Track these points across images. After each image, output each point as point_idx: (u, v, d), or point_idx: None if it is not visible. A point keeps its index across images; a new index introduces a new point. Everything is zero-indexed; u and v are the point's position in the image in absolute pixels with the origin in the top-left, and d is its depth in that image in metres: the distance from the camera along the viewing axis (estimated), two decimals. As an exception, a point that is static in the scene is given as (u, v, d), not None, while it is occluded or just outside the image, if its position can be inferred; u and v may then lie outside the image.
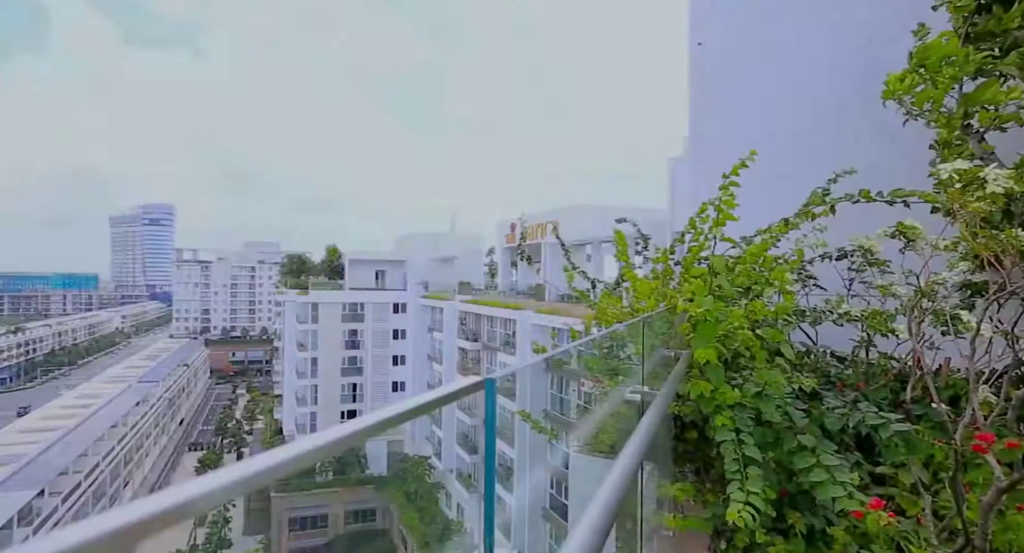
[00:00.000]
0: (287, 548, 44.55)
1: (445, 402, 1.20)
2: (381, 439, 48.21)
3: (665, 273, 4.57)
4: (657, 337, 3.73)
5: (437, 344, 42.97)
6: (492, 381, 1.31)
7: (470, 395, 1.30)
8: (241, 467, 0.66)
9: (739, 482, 2.57)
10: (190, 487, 0.60)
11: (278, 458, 0.73)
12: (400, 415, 1.04)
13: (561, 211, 30.70)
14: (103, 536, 0.48)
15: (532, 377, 28.48)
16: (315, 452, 0.78)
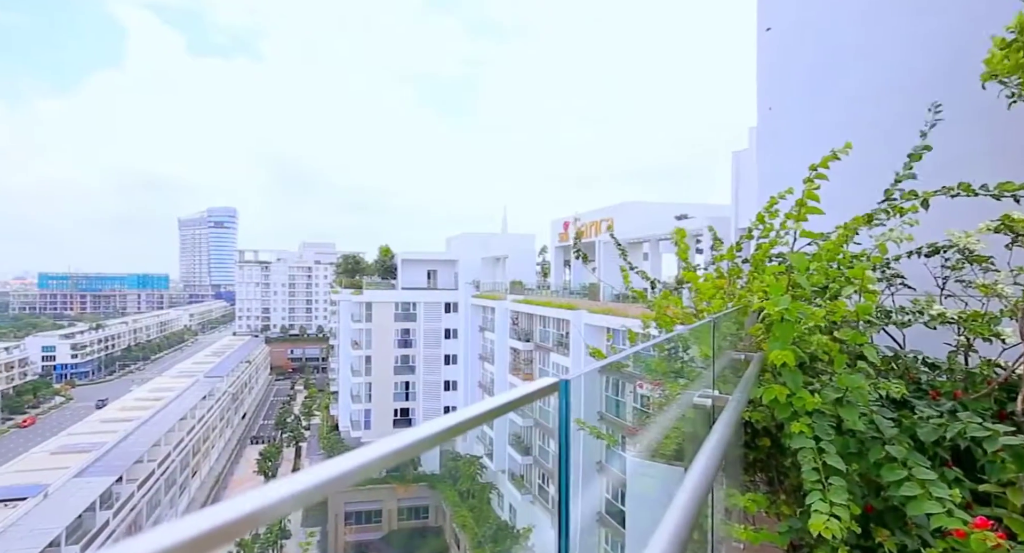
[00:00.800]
0: (344, 541, 46.23)
1: (520, 404, 1.18)
2: (433, 437, 49.19)
3: (731, 271, 4.42)
4: (724, 339, 3.61)
5: (488, 344, 43.36)
6: (567, 383, 1.29)
7: (545, 397, 1.28)
8: (324, 468, 0.65)
9: (820, 492, 2.44)
10: (283, 486, 0.60)
11: (359, 460, 0.72)
12: (475, 418, 1.02)
13: (616, 208, 30.28)
14: (199, 537, 0.48)
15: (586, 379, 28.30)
16: (394, 454, 0.77)
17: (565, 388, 1.30)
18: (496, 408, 1.09)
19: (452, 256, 51.96)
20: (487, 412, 1.09)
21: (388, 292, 50.89)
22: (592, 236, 31.88)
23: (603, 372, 9.12)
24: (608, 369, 3.87)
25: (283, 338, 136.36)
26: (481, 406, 1.07)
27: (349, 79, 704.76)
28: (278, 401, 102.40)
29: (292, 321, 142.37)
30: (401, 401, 49.52)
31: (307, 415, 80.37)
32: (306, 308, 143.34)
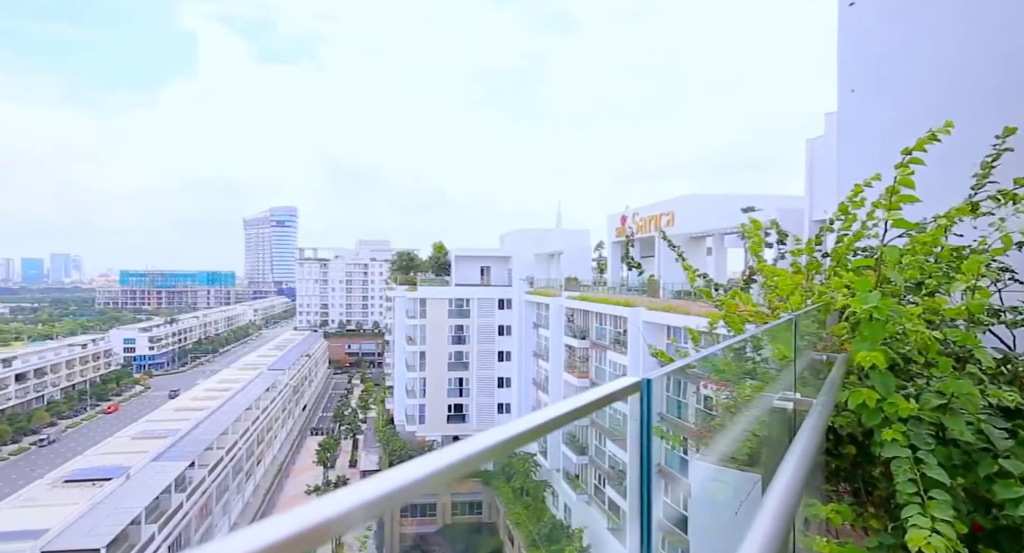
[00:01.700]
0: (400, 532, 47.60)
1: (603, 404, 1.17)
2: (487, 434, 49.71)
3: (810, 266, 4.19)
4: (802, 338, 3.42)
5: (543, 341, 43.33)
6: (649, 381, 1.29)
7: (627, 396, 1.28)
8: (401, 472, 0.64)
9: (919, 506, 2.26)
10: (367, 487, 0.59)
11: (439, 463, 0.70)
12: (555, 420, 1.01)
13: (677, 201, 29.44)
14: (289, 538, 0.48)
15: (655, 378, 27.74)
16: (476, 456, 0.75)
17: (647, 387, 1.29)
18: (579, 408, 1.08)
19: (505, 252, 52.22)
20: (570, 412, 1.07)
21: (442, 288, 51.81)
22: (651, 230, 31.18)
23: (670, 372, 8.75)
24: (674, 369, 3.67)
25: (341, 333, 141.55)
26: (563, 406, 1.05)
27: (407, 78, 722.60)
28: (336, 394, 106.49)
29: (349, 317, 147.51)
30: (455, 397, 50.33)
31: (364, 408, 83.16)
32: (362, 304, 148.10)
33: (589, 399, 1.12)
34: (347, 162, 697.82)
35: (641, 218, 32.37)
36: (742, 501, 2.51)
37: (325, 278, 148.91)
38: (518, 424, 0.88)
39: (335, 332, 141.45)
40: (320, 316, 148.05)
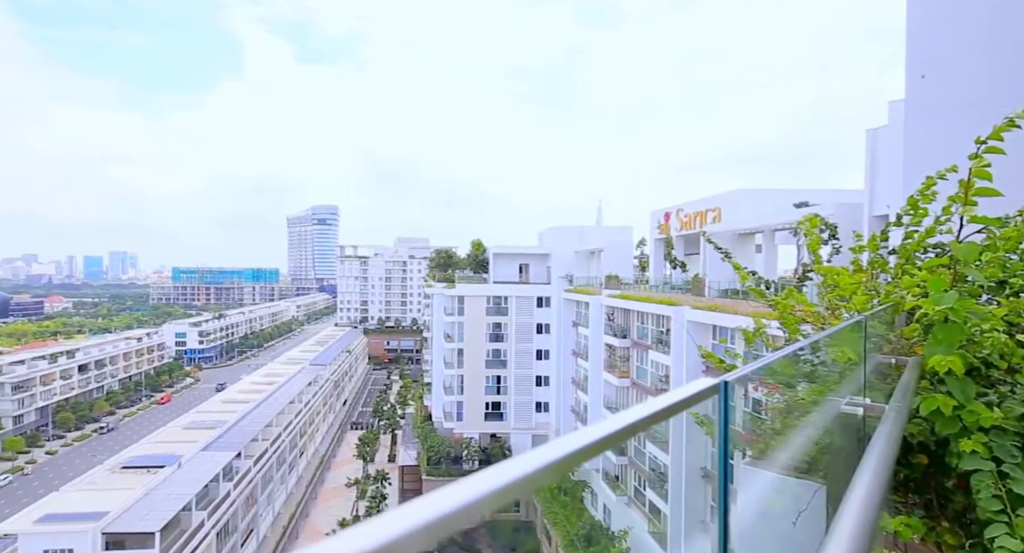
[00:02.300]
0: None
1: (681, 408, 1.14)
2: (526, 432, 49.76)
3: (873, 264, 3.99)
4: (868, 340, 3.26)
5: (582, 339, 43.05)
6: (727, 383, 1.26)
7: (706, 399, 1.26)
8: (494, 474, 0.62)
9: (1006, 526, 2.11)
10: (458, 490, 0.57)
11: (522, 471, 0.67)
12: (630, 427, 0.97)
13: (724, 197, 28.66)
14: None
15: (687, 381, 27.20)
16: (548, 470, 0.71)
17: (725, 390, 1.26)
18: (658, 412, 1.05)
19: (544, 250, 52.05)
20: (650, 416, 1.03)
21: (480, 286, 52.08)
22: (696, 227, 30.50)
23: (707, 372, 9.01)
24: (717, 369, 3.58)
25: (380, 330, 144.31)
26: (641, 410, 1.01)
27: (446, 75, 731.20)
28: (375, 390, 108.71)
29: (388, 313, 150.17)
30: (493, 394, 50.59)
31: (402, 404, 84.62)
32: (401, 301, 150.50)
33: (667, 403, 1.09)
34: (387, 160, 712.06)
35: (685, 214, 31.68)
36: (801, 511, 2.39)
37: (365, 275, 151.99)
38: (591, 432, 0.86)
39: (374, 328, 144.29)
40: (360, 312, 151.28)
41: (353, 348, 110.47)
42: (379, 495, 50.88)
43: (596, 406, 38.70)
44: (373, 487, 53.05)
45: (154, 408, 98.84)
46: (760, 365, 1.81)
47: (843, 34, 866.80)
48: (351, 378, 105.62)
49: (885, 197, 17.82)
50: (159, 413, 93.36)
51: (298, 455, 64.71)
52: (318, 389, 77.70)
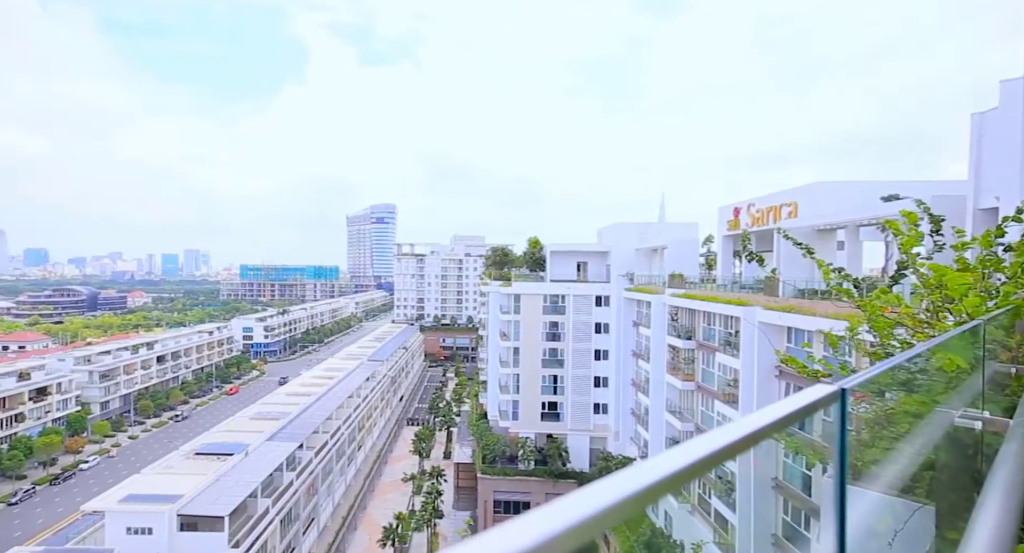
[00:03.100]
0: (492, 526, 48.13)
1: (798, 417, 1.12)
2: (584, 434, 48.91)
3: (985, 263, 3.33)
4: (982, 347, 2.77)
5: (643, 340, 41.83)
6: (844, 390, 1.27)
7: (826, 406, 1.23)
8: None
9: None
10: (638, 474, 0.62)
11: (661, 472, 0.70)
12: (746, 438, 0.94)
13: (801, 191, 26.99)
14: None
15: (759, 385, 25.75)
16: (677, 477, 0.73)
17: (844, 398, 1.27)
18: (773, 424, 1.04)
19: (603, 247, 51.00)
20: (763, 429, 1.01)
21: (536, 284, 51.55)
22: (769, 223, 28.91)
23: (780, 377, 8.03)
24: (807, 376, 3.06)
25: (436, 327, 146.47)
26: (750, 423, 1.00)
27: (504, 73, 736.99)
28: (431, 387, 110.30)
29: (444, 311, 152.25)
30: (549, 394, 49.99)
31: (458, 402, 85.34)
32: (457, 299, 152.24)
33: (786, 411, 1.07)
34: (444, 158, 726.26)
35: (757, 210, 30.09)
36: (897, 531, 2.28)
37: (421, 273, 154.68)
38: (700, 445, 0.85)
39: (430, 326, 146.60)
40: (416, 310, 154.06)
41: (409, 345, 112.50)
42: (435, 491, 51.26)
43: (658, 409, 37.46)
44: (429, 483, 53.54)
45: (223, 398, 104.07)
46: (880, 370, 1.68)
47: (942, 7, 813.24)
48: (407, 374, 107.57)
49: (994, 188, 16.10)
50: (228, 403, 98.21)
51: (356, 448, 66.30)
52: (375, 384, 79.47)
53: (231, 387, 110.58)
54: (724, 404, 28.60)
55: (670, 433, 36.04)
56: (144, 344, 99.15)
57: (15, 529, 52.95)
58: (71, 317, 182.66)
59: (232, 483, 39.54)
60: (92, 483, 62.79)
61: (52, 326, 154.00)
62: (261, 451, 46.15)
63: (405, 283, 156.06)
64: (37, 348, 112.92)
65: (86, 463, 69.14)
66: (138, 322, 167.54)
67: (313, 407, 60.50)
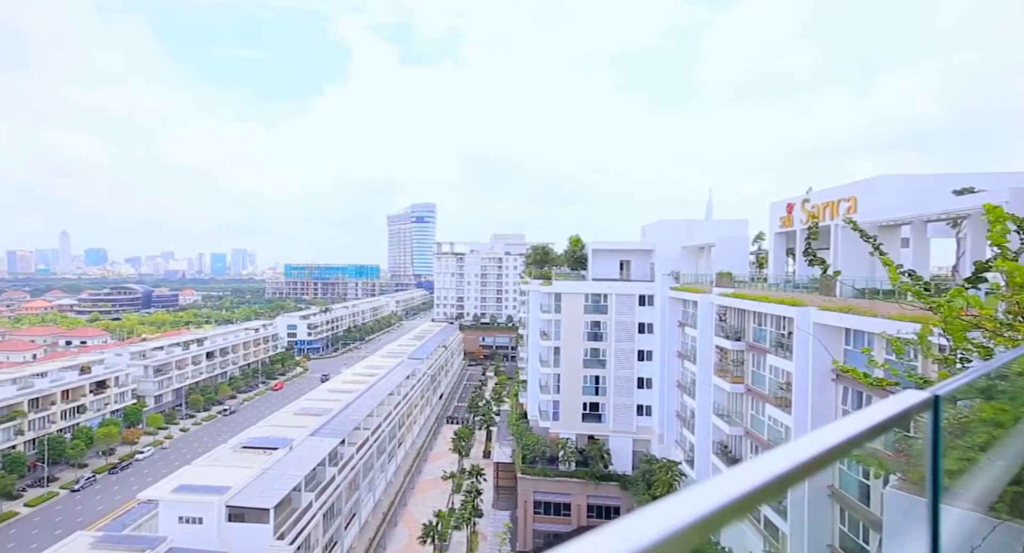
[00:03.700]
0: (532, 527, 48.03)
1: (884, 429, 1.06)
2: (627, 435, 48.22)
3: None
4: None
5: (689, 340, 40.86)
6: (938, 398, 1.22)
7: (917, 415, 1.18)
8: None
9: None
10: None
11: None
12: (834, 450, 0.90)
13: (862, 185, 25.72)
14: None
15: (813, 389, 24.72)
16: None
17: (938, 405, 1.22)
18: (860, 435, 0.99)
19: (647, 245, 50.06)
20: (849, 441, 0.96)
21: (578, 283, 51.06)
22: (825, 219, 27.72)
23: (836, 381, 7.52)
24: (849, 378, 2.83)
25: (475, 326, 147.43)
26: (838, 432, 0.95)
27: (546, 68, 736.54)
28: (470, 385, 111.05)
29: (483, 310, 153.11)
30: (591, 395, 49.46)
31: (497, 401, 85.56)
32: (496, 298, 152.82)
33: (871, 422, 1.02)
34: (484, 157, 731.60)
35: (812, 205, 28.87)
36: (974, 547, 2.15)
37: (461, 272, 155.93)
38: (773, 461, 0.81)
39: (470, 325, 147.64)
40: (456, 309, 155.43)
41: (449, 343, 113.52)
42: (474, 490, 51.53)
43: (704, 412, 36.52)
44: (468, 482, 53.85)
45: (269, 394, 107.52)
46: (977, 375, 1.64)
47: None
48: (447, 373, 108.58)
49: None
50: (273, 399, 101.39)
51: (396, 445, 67.32)
52: (415, 382, 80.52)
53: (276, 383, 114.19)
54: (776, 408, 27.60)
55: (717, 437, 35.07)
56: (194, 340, 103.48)
57: (78, 514, 56.09)
58: (127, 314, 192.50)
59: (277, 477, 40.72)
60: (147, 473, 65.90)
61: (110, 322, 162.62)
62: (305, 446, 47.36)
63: (445, 282, 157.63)
64: (97, 343, 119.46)
65: (141, 453, 72.64)
66: (189, 319, 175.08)
67: (355, 404, 61.73)
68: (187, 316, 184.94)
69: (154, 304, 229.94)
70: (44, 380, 69.27)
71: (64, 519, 55.09)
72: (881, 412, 1.03)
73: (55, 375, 71.42)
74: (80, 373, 75.05)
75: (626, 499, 45.59)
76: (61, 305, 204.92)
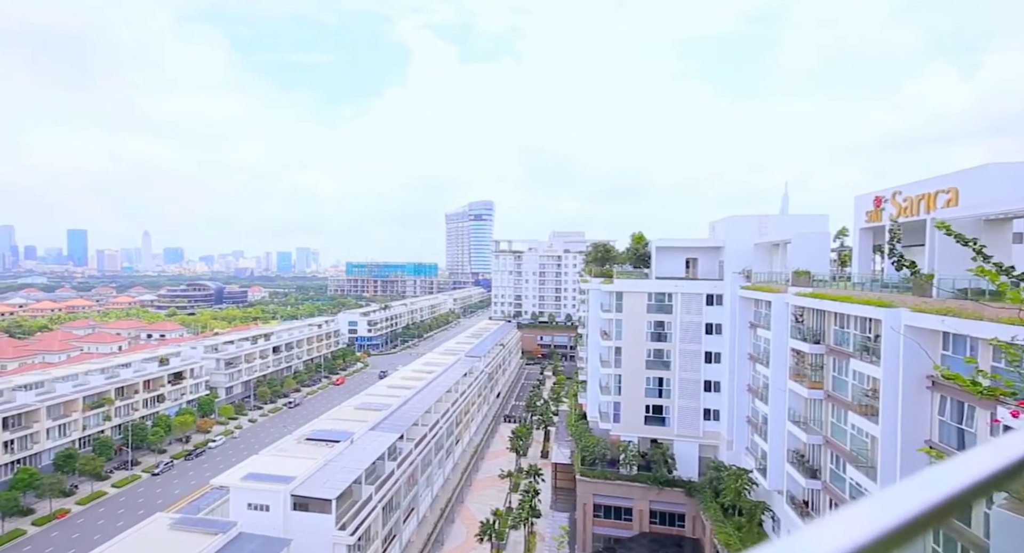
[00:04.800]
0: (591, 532, 47.36)
1: None
2: (692, 441, 46.76)
3: None
4: None
5: (761, 342, 39.04)
6: None
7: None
8: None
9: None
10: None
11: None
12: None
13: (962, 174, 23.64)
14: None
15: (904, 397, 22.94)
16: None
17: None
18: None
19: (716, 242, 48.22)
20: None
21: (641, 282, 49.85)
22: (919, 213, 25.70)
23: (933, 389, 6.69)
24: (976, 393, 2.49)
25: (533, 324, 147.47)
26: (996, 452, 0.80)
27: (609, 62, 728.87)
28: (528, 384, 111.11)
29: (542, 308, 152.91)
30: (654, 397, 48.23)
31: (555, 401, 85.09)
32: (555, 296, 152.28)
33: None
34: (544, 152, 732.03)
35: (905, 198, 26.80)
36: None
37: (519, 269, 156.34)
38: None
39: (528, 323, 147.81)
40: (514, 307, 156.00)
41: (507, 342, 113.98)
42: (532, 490, 51.38)
43: (779, 418, 34.77)
44: (526, 481, 53.75)
45: (331, 388, 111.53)
46: None
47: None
48: (504, 371, 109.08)
49: None
50: (334, 393, 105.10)
51: (454, 442, 68.17)
52: (473, 380, 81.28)
53: (338, 378, 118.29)
54: (860, 417, 25.85)
55: (793, 445, 33.30)
56: (262, 335, 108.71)
57: (158, 497, 60.11)
58: (201, 309, 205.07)
59: (339, 469, 42.01)
60: (219, 460, 69.78)
61: (186, 317, 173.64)
62: (365, 440, 48.67)
63: (502, 280, 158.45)
64: (174, 337, 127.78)
65: (214, 442, 76.98)
66: (256, 315, 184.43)
67: (413, 400, 62.94)
68: (255, 312, 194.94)
69: (225, 300, 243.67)
70: (128, 370, 74.65)
71: (146, 501, 59.16)
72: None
73: (138, 366, 76.84)
74: (159, 365, 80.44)
75: (692, 506, 44.18)
76: (143, 300, 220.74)
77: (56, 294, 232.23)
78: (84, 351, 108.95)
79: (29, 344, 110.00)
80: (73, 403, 65.48)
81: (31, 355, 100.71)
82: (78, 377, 69.15)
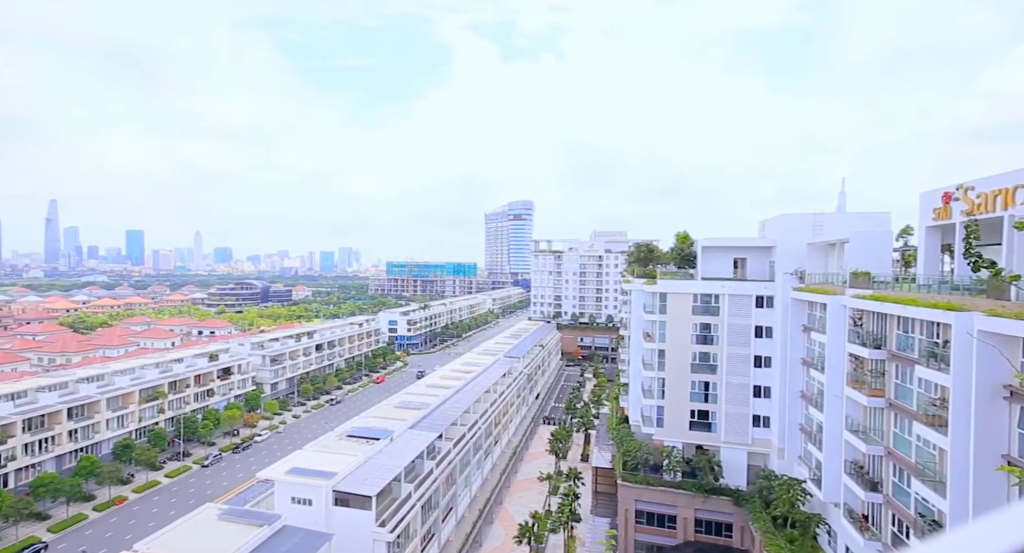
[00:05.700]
0: (633, 538, 46.40)
1: None
2: (740, 448, 45.26)
3: None
4: None
5: (815, 347, 37.39)
6: None
7: None
8: None
9: None
10: None
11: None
12: None
13: (1045, 166, 22.03)
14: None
15: (978, 408, 21.41)
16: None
17: None
18: None
19: (767, 242, 46.48)
20: None
21: (686, 282, 48.55)
22: (995, 210, 24.02)
23: (1011, 400, 5.82)
24: None
25: (573, 325, 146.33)
26: None
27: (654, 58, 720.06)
28: (568, 386, 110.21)
29: (582, 309, 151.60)
30: (699, 402, 46.89)
31: (596, 403, 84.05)
32: (596, 297, 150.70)
33: None
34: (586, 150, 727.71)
35: (978, 194, 25.10)
36: None
37: (559, 270, 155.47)
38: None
39: (567, 324, 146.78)
40: (553, 307, 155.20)
41: (546, 343, 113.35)
42: (572, 494, 50.74)
43: (835, 427, 33.19)
44: (566, 484, 53.14)
45: (371, 386, 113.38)
46: None
47: None
48: (544, 373, 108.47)
49: None
50: (375, 391, 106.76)
51: (493, 443, 68.05)
52: (512, 381, 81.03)
53: (378, 376, 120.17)
54: (927, 427, 24.32)
55: (851, 455, 31.69)
56: (305, 333, 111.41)
57: (207, 488, 62.31)
58: (248, 307, 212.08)
59: (378, 466, 42.42)
60: (264, 454, 71.82)
61: (234, 315, 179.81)
62: (404, 438, 49.04)
63: (542, 280, 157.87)
64: (223, 334, 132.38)
65: (260, 436, 79.30)
66: (300, 313, 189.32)
67: (452, 399, 63.14)
68: (299, 310, 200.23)
69: (271, 299, 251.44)
70: (181, 365, 77.69)
71: (196, 491, 61.40)
72: None
73: (189, 361, 79.91)
74: (209, 360, 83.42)
75: (740, 516, 42.71)
76: (194, 298, 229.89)
77: (115, 292, 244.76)
78: (140, 346, 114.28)
79: (91, 339, 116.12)
80: (130, 395, 68.59)
81: (93, 349, 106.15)
82: (135, 371, 72.46)
